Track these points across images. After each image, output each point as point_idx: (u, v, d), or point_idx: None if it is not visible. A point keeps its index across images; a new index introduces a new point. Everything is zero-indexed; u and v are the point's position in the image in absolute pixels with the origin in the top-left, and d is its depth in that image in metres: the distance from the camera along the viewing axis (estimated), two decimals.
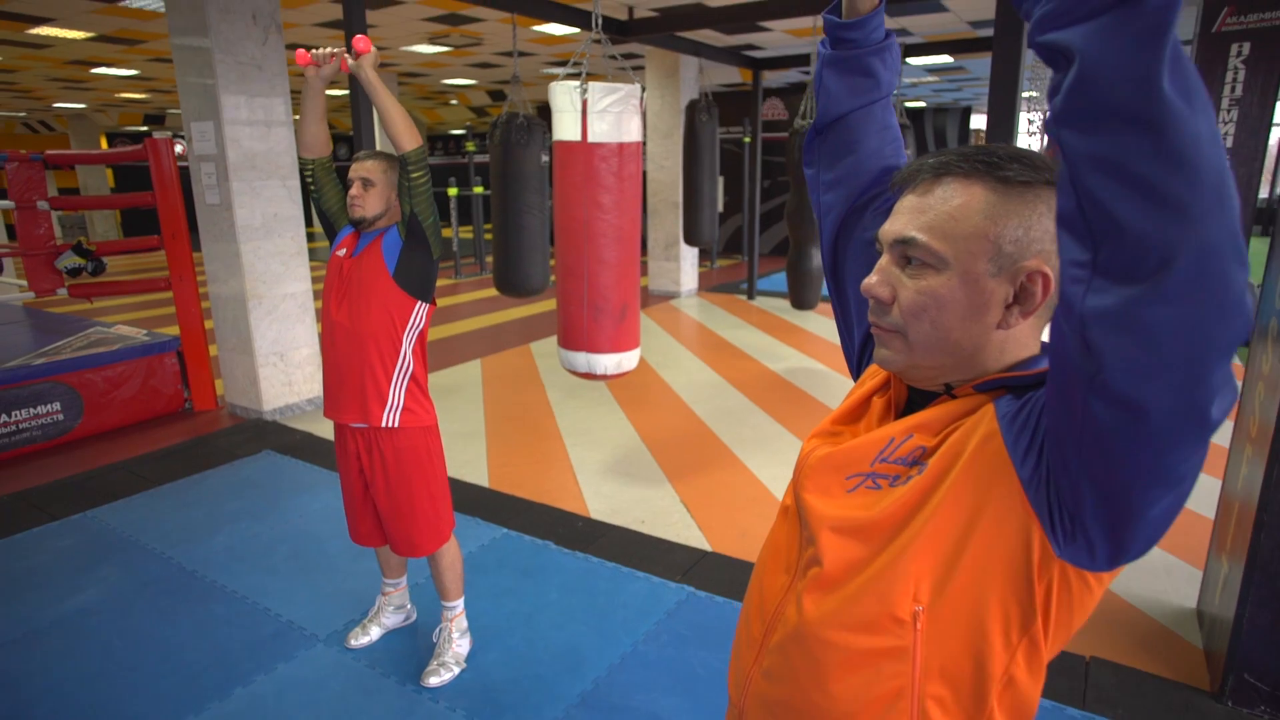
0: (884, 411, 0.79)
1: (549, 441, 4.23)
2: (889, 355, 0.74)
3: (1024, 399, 0.67)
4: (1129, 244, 0.48)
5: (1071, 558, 0.63)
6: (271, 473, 3.80)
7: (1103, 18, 0.46)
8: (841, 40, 0.85)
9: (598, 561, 2.88)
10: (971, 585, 0.66)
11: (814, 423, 4.44)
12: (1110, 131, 0.47)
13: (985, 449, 0.66)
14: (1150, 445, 0.53)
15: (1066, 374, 0.56)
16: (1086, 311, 0.51)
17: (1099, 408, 0.54)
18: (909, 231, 0.69)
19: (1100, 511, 0.59)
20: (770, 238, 12.37)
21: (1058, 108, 0.50)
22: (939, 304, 0.68)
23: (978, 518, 0.65)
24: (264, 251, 4.45)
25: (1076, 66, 0.47)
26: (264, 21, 4.29)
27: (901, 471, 0.71)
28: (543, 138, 4.30)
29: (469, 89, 11.95)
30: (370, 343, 2.03)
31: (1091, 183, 0.48)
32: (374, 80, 1.95)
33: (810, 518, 0.75)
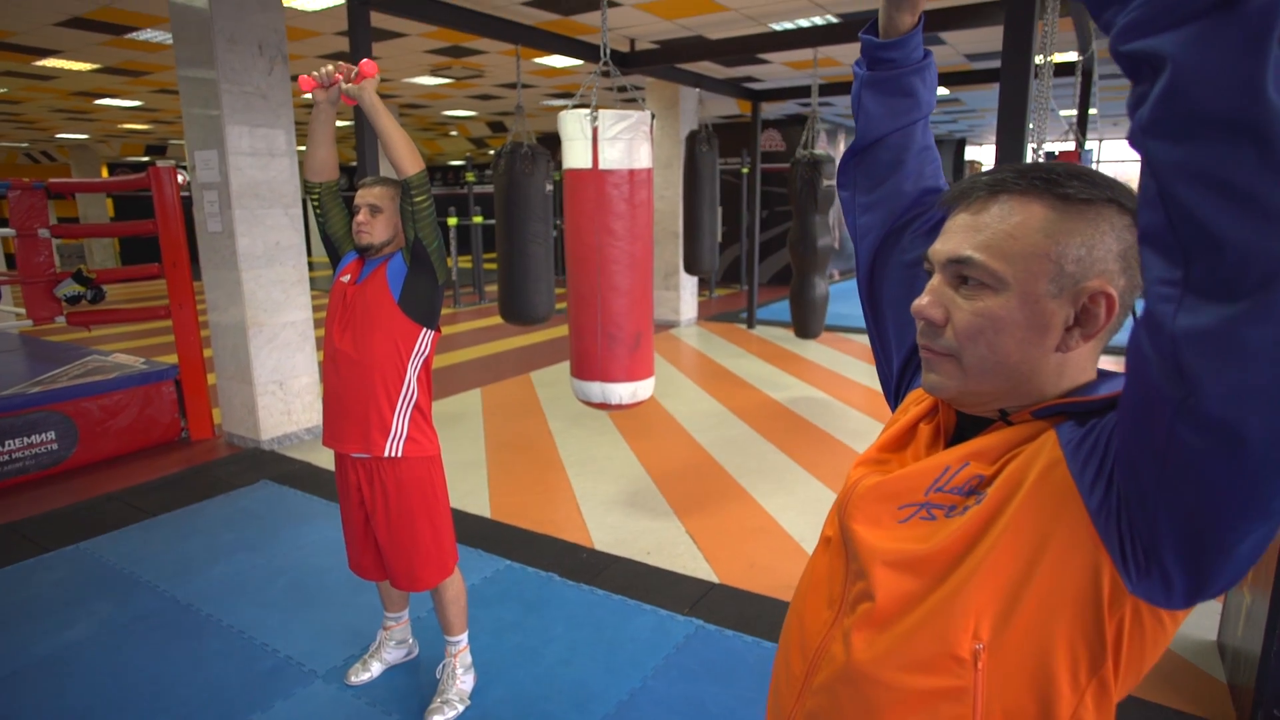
0: (932, 439, 0.76)
1: (552, 471, 4.18)
2: (939, 380, 0.70)
3: (1088, 425, 0.63)
4: (1229, 259, 0.45)
5: (1145, 594, 0.59)
6: (269, 503, 3.73)
7: (1199, 23, 0.43)
8: (881, 60, 0.82)
9: (604, 594, 2.81)
10: (1037, 622, 0.62)
11: (819, 452, 4.41)
12: (1209, 141, 0.44)
13: (1049, 478, 0.62)
14: (1244, 474, 0.49)
15: (1149, 399, 0.52)
16: (1179, 332, 0.48)
17: (1189, 434, 0.50)
18: (965, 251, 0.66)
19: (1181, 545, 0.55)
20: (769, 267, 12.43)
21: (1145, 119, 0.47)
22: (996, 326, 0.65)
23: (1042, 550, 0.61)
24: (265, 279, 4.44)
25: (1169, 74, 0.44)
26: (270, 52, 4.32)
27: (958, 501, 0.67)
28: (547, 167, 4.31)
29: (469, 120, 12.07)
30: (374, 370, 1.99)
31: (1186, 196, 0.46)
32: (376, 104, 1.94)
33: (861, 550, 0.71)
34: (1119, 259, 0.63)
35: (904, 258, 0.88)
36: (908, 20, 0.80)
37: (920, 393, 0.83)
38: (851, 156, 0.89)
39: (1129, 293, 0.65)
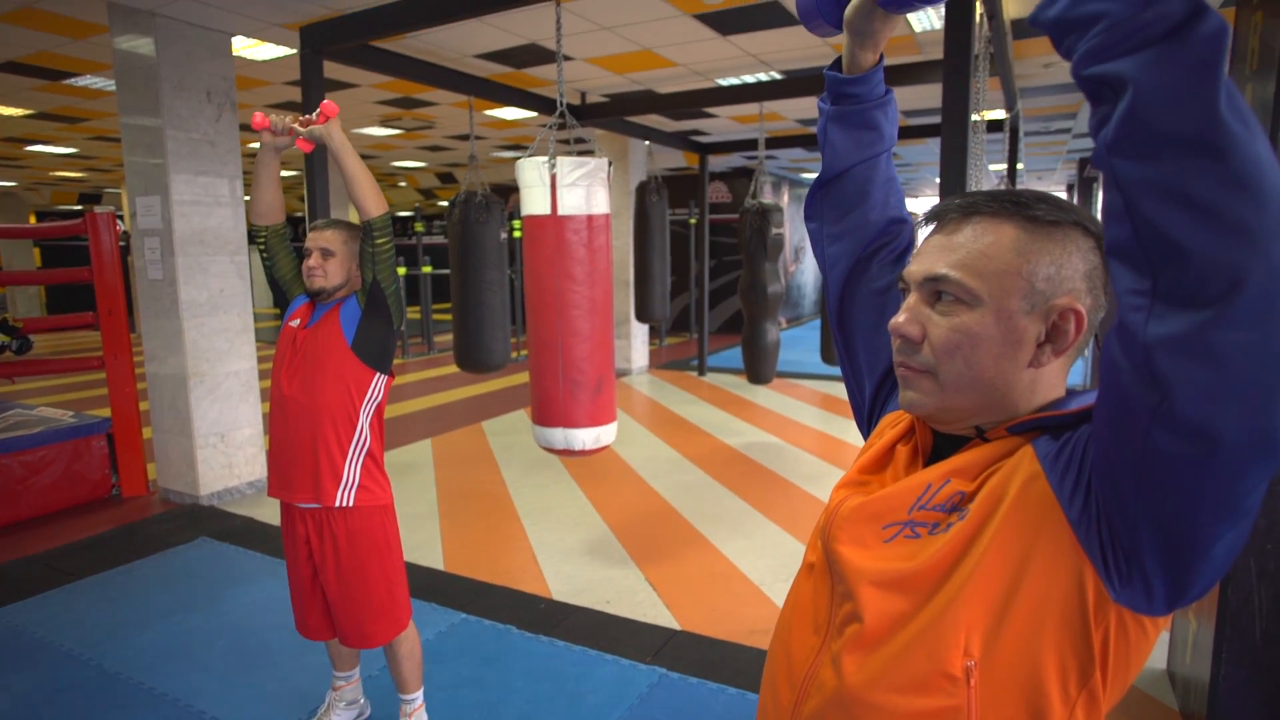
0: (910, 459, 0.77)
1: (506, 521, 4.09)
2: (917, 398, 0.71)
3: (1063, 439, 0.65)
4: (1194, 269, 0.47)
5: (1129, 601, 0.60)
6: (208, 562, 3.55)
7: (1155, 48, 0.46)
8: (845, 95, 0.86)
9: (563, 645, 2.74)
10: (1026, 635, 0.62)
11: (774, 497, 4.42)
12: (1170, 158, 0.47)
13: (1029, 491, 0.64)
14: (1218, 475, 0.52)
15: (1125, 407, 0.54)
16: (1150, 339, 0.50)
17: (1164, 439, 0.52)
18: (940, 269, 0.69)
19: (1160, 550, 0.57)
20: (718, 315, 12.61)
21: (1110, 138, 0.49)
22: (972, 341, 0.67)
23: (1027, 563, 0.62)
24: (208, 328, 4.30)
25: (1130, 97, 0.47)
26: (218, 99, 4.27)
27: (941, 518, 0.68)
28: (502, 215, 4.33)
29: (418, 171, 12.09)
30: (325, 417, 1.93)
31: (1151, 210, 0.48)
32: (345, 144, 1.93)
33: (847, 571, 0.71)
34: (1085, 278, 0.67)
35: (873, 285, 0.90)
36: (870, 58, 0.84)
37: (896, 415, 0.84)
38: (819, 188, 0.92)
39: (1094, 311, 0.68)
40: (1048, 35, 0.53)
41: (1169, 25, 0.46)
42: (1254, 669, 2.04)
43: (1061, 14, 0.51)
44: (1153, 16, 0.46)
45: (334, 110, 1.94)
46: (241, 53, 4.85)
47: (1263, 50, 1.92)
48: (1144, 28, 0.46)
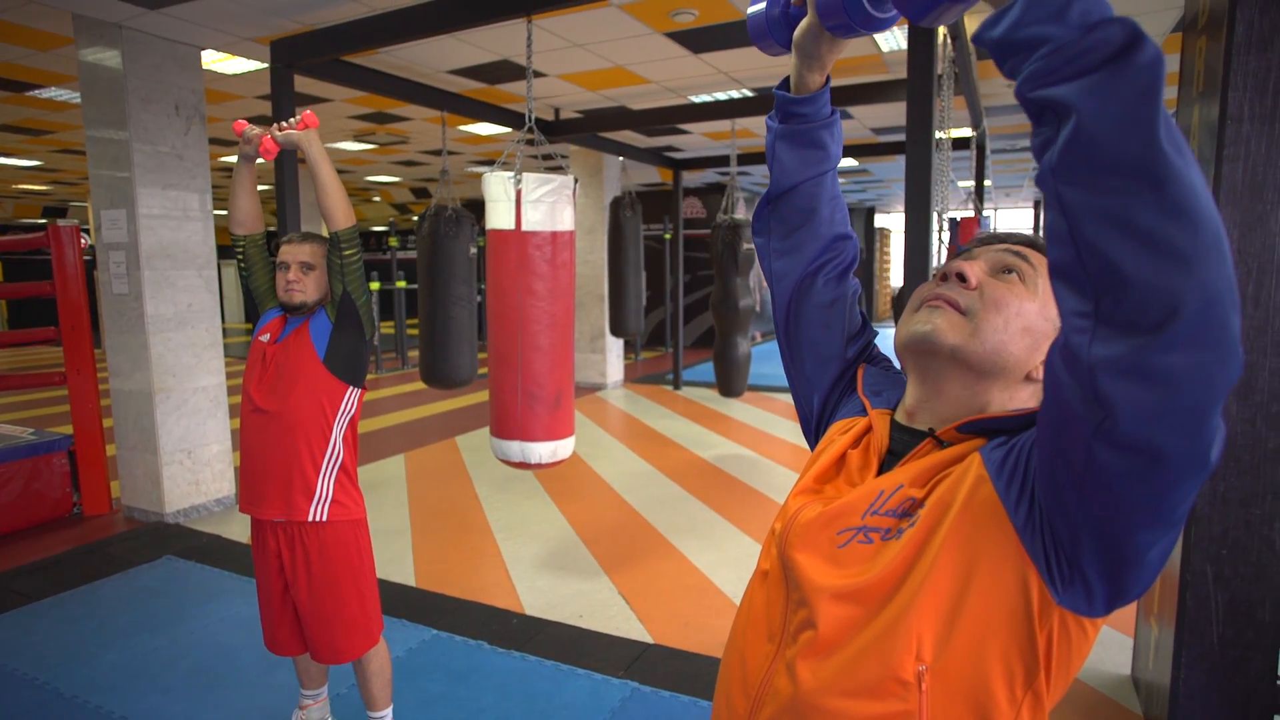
0: (862, 464, 0.78)
1: (479, 536, 4.06)
2: (941, 325, 0.72)
3: (1009, 445, 0.67)
4: (1134, 294, 0.48)
5: (1070, 604, 0.62)
6: (173, 580, 3.48)
7: (1096, 75, 0.47)
8: (793, 115, 0.88)
9: (535, 660, 2.72)
10: (974, 639, 0.64)
11: (747, 508, 4.44)
12: (1113, 185, 0.48)
13: (976, 497, 0.65)
14: (1154, 487, 0.54)
15: (1067, 422, 0.56)
16: (1094, 360, 0.51)
17: (1105, 453, 0.54)
18: (1026, 253, 0.74)
19: (1100, 555, 0.58)
20: (692, 329, 12.67)
21: (1054, 162, 0.50)
22: (1020, 312, 0.71)
23: (974, 568, 0.64)
24: (175, 343, 4.24)
25: (1074, 122, 0.48)
26: (187, 113, 4.24)
27: (893, 524, 0.69)
28: (471, 230, 4.33)
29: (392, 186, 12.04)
30: (298, 431, 1.92)
31: (1094, 235, 0.49)
32: (323, 153, 1.93)
33: (802, 579, 0.72)
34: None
35: (819, 299, 0.92)
36: (817, 79, 0.86)
37: (845, 423, 0.86)
38: (766, 204, 0.94)
39: None
40: (991, 54, 0.54)
41: (1109, 52, 0.47)
42: (1212, 673, 2.09)
43: (1004, 35, 0.51)
44: (1093, 43, 0.47)
45: (315, 121, 1.95)
46: (212, 66, 4.82)
47: (1207, 74, 2.00)
48: (1084, 54, 0.48)
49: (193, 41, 4.23)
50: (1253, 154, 1.86)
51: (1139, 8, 3.99)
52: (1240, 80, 1.84)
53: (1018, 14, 0.50)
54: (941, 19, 0.63)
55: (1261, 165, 1.86)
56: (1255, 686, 2.09)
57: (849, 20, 0.73)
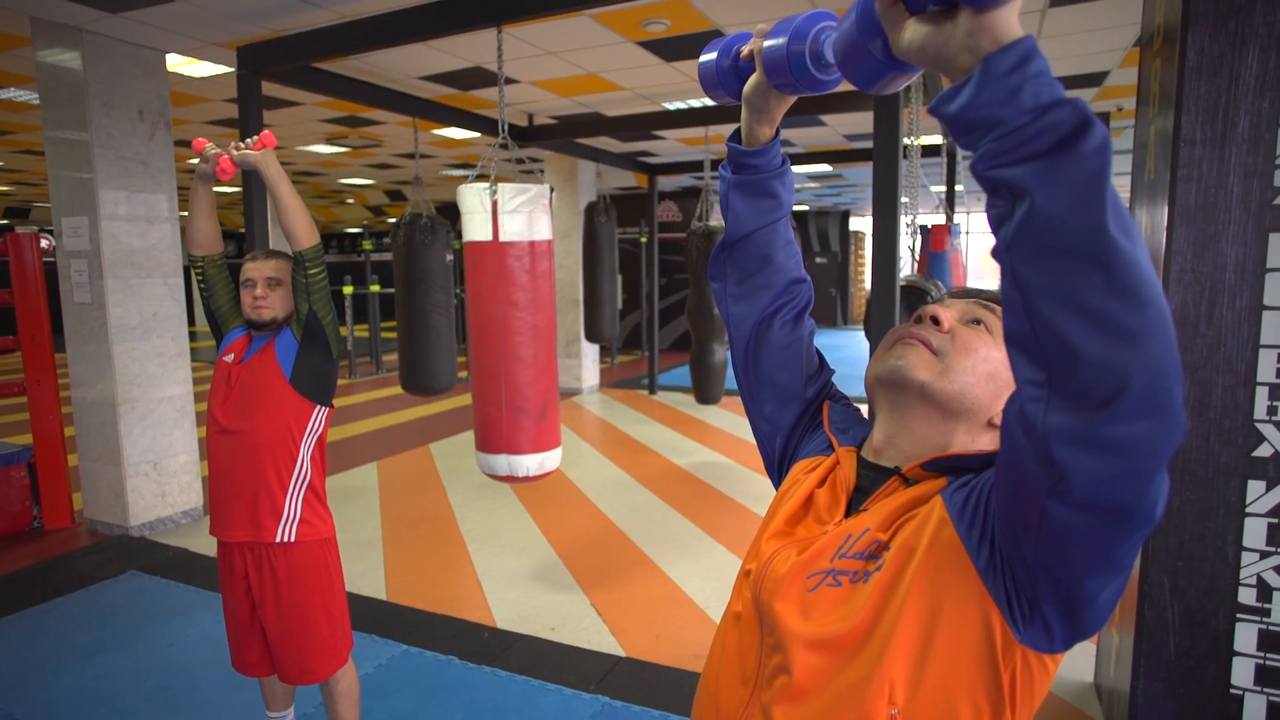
0: (830, 503, 0.79)
1: (452, 547, 4.03)
2: (915, 362, 0.76)
3: (969, 487, 0.69)
4: (1085, 369, 0.50)
5: (1031, 642, 0.64)
6: (137, 596, 3.41)
7: (1047, 158, 0.49)
8: (745, 166, 0.89)
9: (506, 676, 2.70)
10: (943, 681, 0.65)
11: (722, 517, 4.45)
12: (1063, 266, 0.49)
13: (939, 540, 0.67)
14: (1104, 542, 0.56)
15: (1022, 480, 0.58)
16: (1049, 429, 0.53)
17: (1058, 511, 0.56)
18: (992, 305, 0.79)
19: (1056, 599, 0.61)
20: (668, 334, 12.69)
21: (1009, 239, 0.51)
22: (987, 358, 0.75)
23: (940, 610, 0.65)
24: (140, 353, 4.16)
25: (1028, 204, 0.49)
26: (151, 118, 4.16)
27: (860, 567, 0.70)
28: (447, 237, 4.31)
29: (366, 188, 11.93)
30: (264, 452, 1.89)
31: (1047, 311, 0.51)
32: (281, 174, 1.91)
33: (778, 626, 0.72)
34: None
35: (777, 341, 0.94)
36: (767, 132, 0.87)
37: (809, 463, 0.87)
38: (721, 250, 0.95)
39: None
40: (946, 127, 0.55)
41: (1059, 136, 0.48)
42: (1169, 681, 2.13)
43: (958, 113, 0.52)
44: (1044, 126, 0.48)
45: (273, 141, 1.93)
46: (177, 69, 4.74)
47: (1161, 95, 2.04)
48: (1035, 137, 0.49)
49: (156, 45, 4.15)
50: (1204, 176, 1.90)
51: (1101, 22, 4.06)
52: (1192, 104, 1.88)
53: (970, 94, 0.51)
54: (887, 89, 0.64)
55: (1213, 187, 1.91)
56: (1210, 694, 2.13)
57: (794, 80, 0.74)
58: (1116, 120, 6.67)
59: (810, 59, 0.72)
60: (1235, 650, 2.10)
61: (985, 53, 0.50)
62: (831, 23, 0.72)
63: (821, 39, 0.72)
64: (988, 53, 0.50)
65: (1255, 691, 2.10)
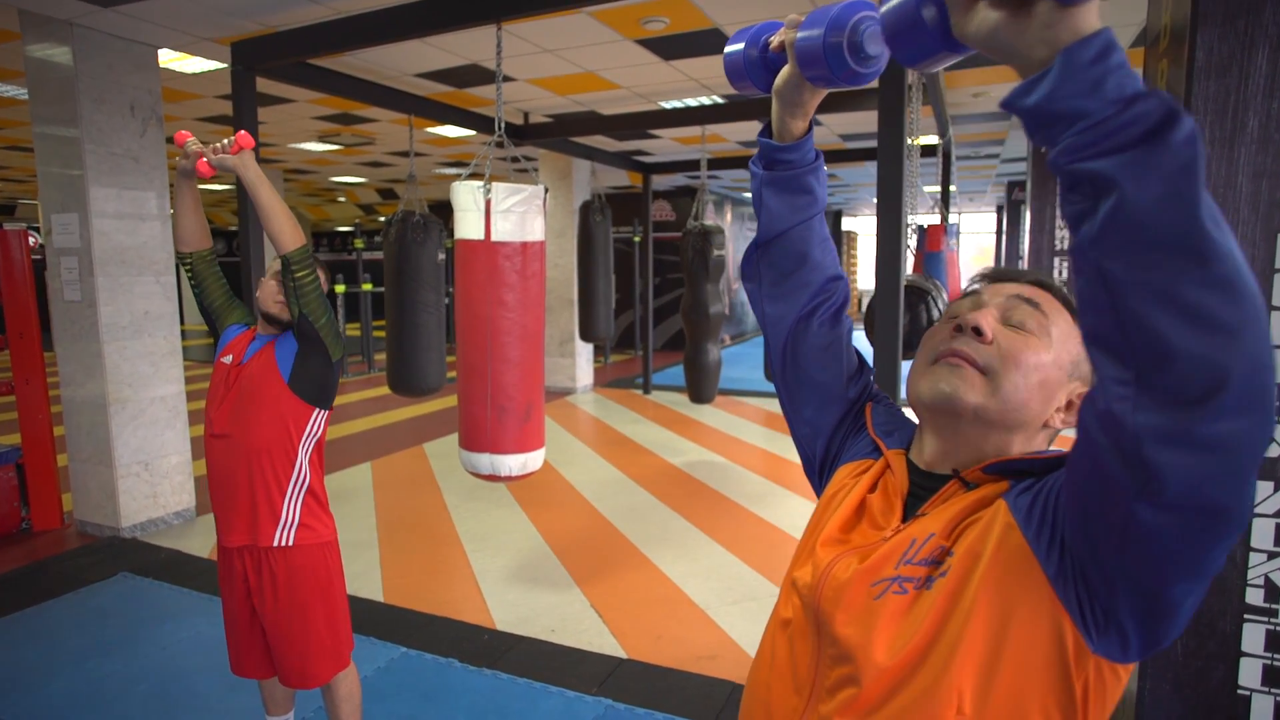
0: (885, 508, 0.77)
1: (448, 548, 4.00)
2: (961, 387, 0.72)
3: (1034, 490, 0.67)
4: (1179, 366, 0.48)
5: (1105, 651, 0.62)
6: (129, 599, 3.36)
7: (1135, 150, 0.47)
8: (778, 161, 0.86)
9: (507, 678, 2.68)
10: (1014, 690, 0.63)
11: (718, 517, 4.44)
12: (1155, 261, 0.47)
13: (1006, 546, 0.65)
14: (1195, 545, 0.54)
15: (1105, 483, 0.55)
16: (1140, 430, 0.51)
17: (1148, 514, 0.53)
18: (1030, 294, 0.74)
19: (1136, 608, 0.59)
20: (662, 333, 12.67)
21: (1094, 234, 0.49)
22: (1038, 366, 0.72)
23: (1010, 618, 0.63)
24: (131, 352, 4.10)
25: (1116, 198, 0.47)
26: (143, 113, 4.11)
27: (924, 573, 0.69)
28: (439, 236, 4.27)
29: (358, 186, 11.85)
30: (263, 456, 1.86)
31: (1138, 308, 0.48)
32: (260, 177, 1.85)
33: (841, 636, 0.70)
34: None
35: (816, 342, 0.91)
36: (801, 126, 0.84)
37: (855, 466, 0.85)
38: (755, 249, 0.92)
39: None
40: (1021, 120, 0.53)
41: (1146, 128, 0.46)
42: (1176, 683, 2.13)
43: (1038, 106, 0.50)
44: (1130, 118, 0.47)
45: (249, 142, 1.87)
46: (169, 64, 4.68)
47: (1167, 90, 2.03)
48: (1122, 130, 0.47)
49: (148, 41, 4.10)
50: (1214, 176, 1.89)
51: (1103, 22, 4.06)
52: (1201, 104, 1.87)
53: (1051, 86, 0.49)
54: (931, 69, 0.62)
55: (1222, 187, 1.90)
56: (1218, 695, 2.13)
57: (830, 74, 0.71)
58: None
59: (849, 51, 0.69)
60: (1243, 651, 2.09)
61: (1063, 45, 0.49)
62: (871, 13, 0.69)
63: (861, 30, 0.69)
64: (1066, 44, 0.49)
65: (1262, 692, 2.10)
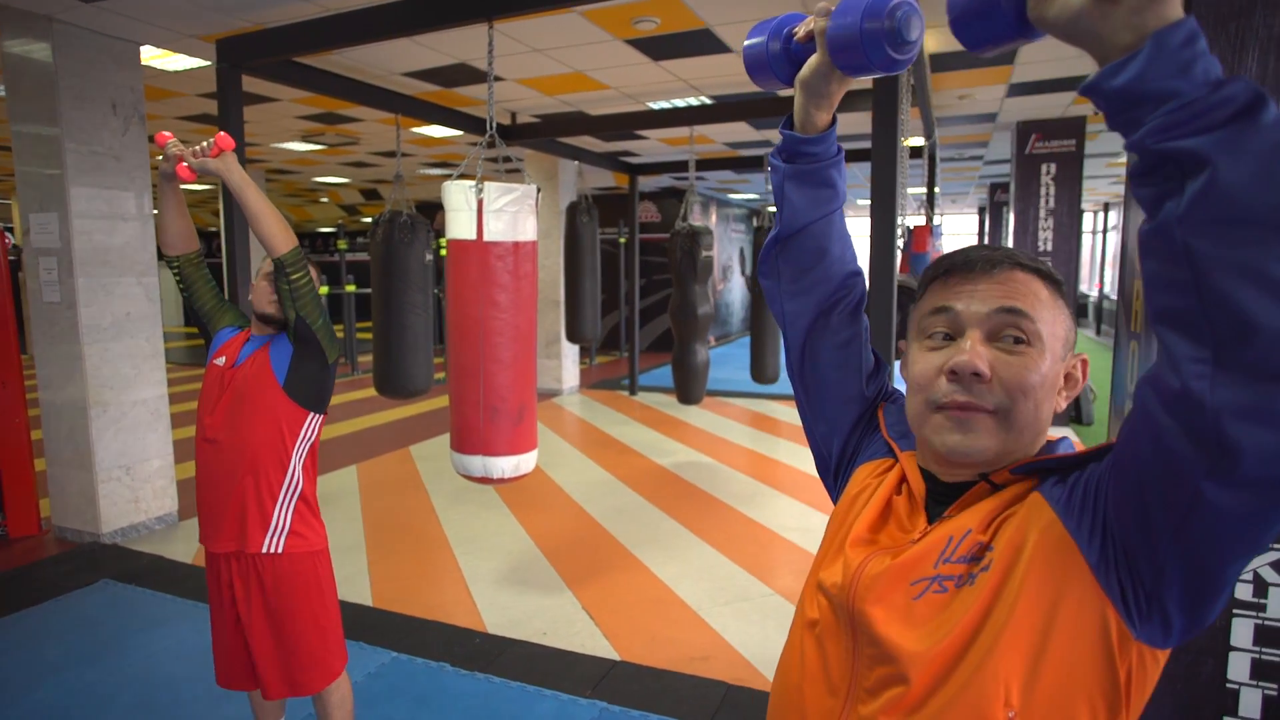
0: (910, 510, 0.77)
1: (436, 551, 3.96)
2: (978, 441, 0.70)
3: (1069, 481, 0.67)
4: (1262, 342, 0.49)
5: (1147, 637, 0.62)
6: (110, 606, 3.30)
7: (1225, 129, 0.48)
8: (802, 154, 0.84)
9: (500, 682, 2.65)
10: (1060, 680, 0.63)
11: (708, 517, 4.43)
12: (1244, 237, 0.48)
13: (1048, 537, 0.65)
14: (1259, 520, 0.55)
15: (1171, 465, 0.56)
16: (1220, 406, 0.51)
17: (1218, 493, 0.54)
18: (1015, 303, 0.71)
19: (1184, 589, 0.59)
20: (647, 334, 12.66)
21: (1181, 213, 0.50)
22: (1041, 381, 0.70)
23: (1056, 609, 0.64)
24: (112, 354, 4.03)
25: (1208, 175, 0.48)
26: (125, 112, 4.04)
27: (964, 570, 0.68)
28: (427, 236, 4.23)
29: (341, 187, 11.74)
30: (255, 460, 1.83)
31: (1224, 285, 0.49)
32: (245, 180, 1.81)
33: (882, 634, 0.70)
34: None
35: (835, 339, 0.90)
36: (825, 118, 0.82)
37: (875, 465, 0.84)
38: (774, 245, 0.90)
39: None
40: (1103, 103, 0.53)
41: (1236, 108, 0.48)
42: (1168, 678, 2.14)
43: (1127, 86, 0.51)
44: (1220, 99, 0.48)
45: (230, 144, 1.82)
46: (151, 62, 4.61)
47: None
48: (1213, 109, 0.48)
49: (130, 37, 4.03)
50: None
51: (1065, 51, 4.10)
52: None
53: (1142, 67, 0.50)
54: (993, 53, 0.62)
55: None
56: (1208, 689, 2.15)
57: (867, 60, 0.70)
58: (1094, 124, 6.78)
59: (887, 37, 0.68)
60: (1232, 645, 2.12)
61: (1150, 30, 0.50)
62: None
63: (899, 15, 0.68)
64: (1154, 29, 0.50)
65: (1251, 685, 2.12)
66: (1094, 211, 15.76)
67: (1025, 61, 4.86)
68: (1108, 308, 13.06)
